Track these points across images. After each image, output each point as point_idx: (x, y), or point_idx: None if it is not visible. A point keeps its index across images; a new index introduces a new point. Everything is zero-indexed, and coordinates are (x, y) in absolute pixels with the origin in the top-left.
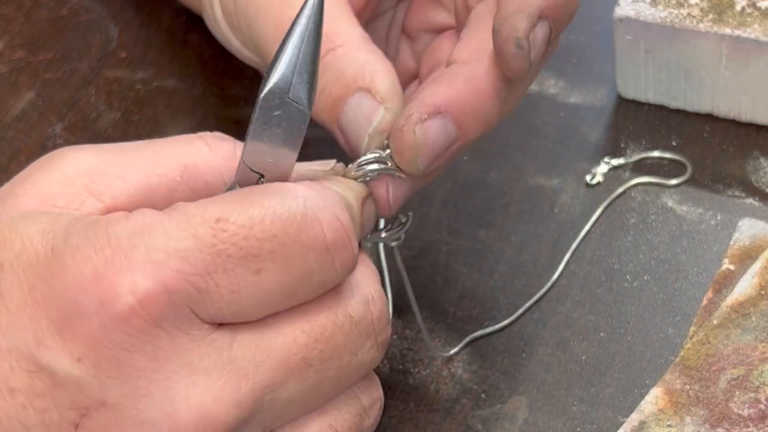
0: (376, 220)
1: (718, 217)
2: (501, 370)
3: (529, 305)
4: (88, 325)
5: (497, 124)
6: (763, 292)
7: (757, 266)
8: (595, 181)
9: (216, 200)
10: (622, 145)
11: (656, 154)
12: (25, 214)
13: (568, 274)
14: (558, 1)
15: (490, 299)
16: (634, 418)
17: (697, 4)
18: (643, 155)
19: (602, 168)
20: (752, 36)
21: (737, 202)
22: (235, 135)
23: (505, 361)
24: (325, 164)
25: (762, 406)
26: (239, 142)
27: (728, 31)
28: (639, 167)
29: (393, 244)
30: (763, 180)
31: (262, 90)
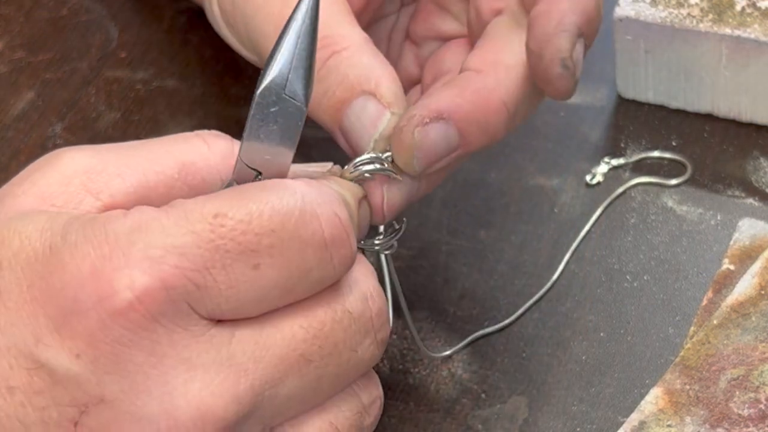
0: (369, 222)
1: (718, 217)
2: (501, 370)
3: (529, 305)
4: (86, 321)
5: (503, 137)
6: (763, 292)
7: (757, 266)
8: (595, 181)
9: (214, 197)
10: (622, 145)
11: (656, 154)
12: (23, 213)
13: (568, 274)
14: (591, 16)
15: (490, 299)
16: (634, 418)
17: (697, 4)
18: (643, 155)
19: (602, 168)
20: (752, 36)
21: (737, 202)
22: (235, 135)
23: (505, 361)
24: (322, 166)
25: (762, 406)
26: (236, 140)
27: (728, 31)
28: (639, 167)
29: (386, 252)
30: (763, 180)
31: (259, 86)
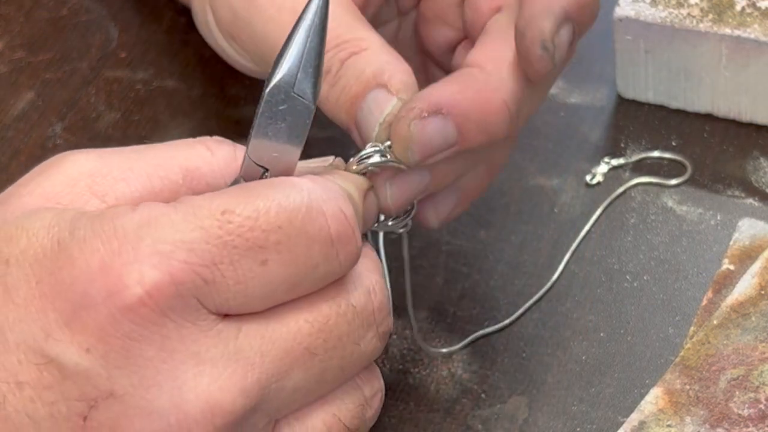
0: (377, 213)
1: (718, 217)
2: (501, 370)
3: (529, 305)
4: (96, 316)
5: (505, 136)
6: (763, 292)
7: (757, 266)
8: (595, 181)
9: (221, 193)
10: (622, 145)
11: (656, 154)
12: (29, 212)
13: (568, 274)
14: (581, 1)
15: (490, 299)
16: (634, 418)
17: (697, 4)
18: (643, 155)
19: (602, 168)
20: (752, 36)
21: (737, 202)
22: (235, 135)
23: (505, 361)
24: (324, 161)
25: (762, 406)
26: (239, 144)
27: (728, 31)
28: (639, 167)
29: (400, 230)
30: (763, 180)
31: (268, 84)
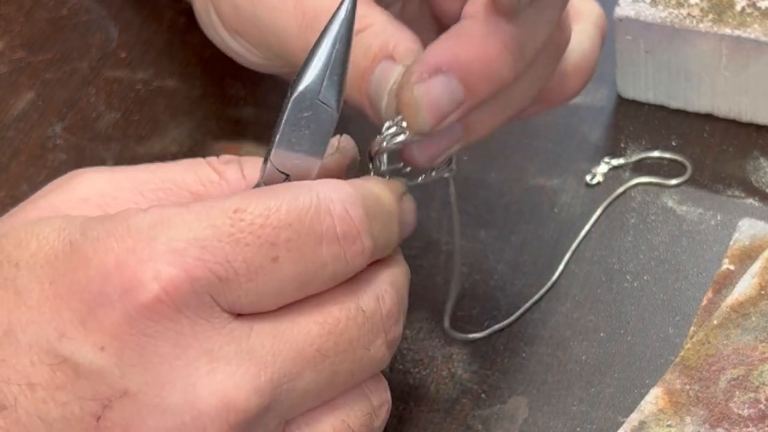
0: (415, 215)
1: (718, 217)
2: (501, 370)
3: (529, 305)
4: (112, 313)
5: (514, 77)
6: (763, 292)
7: (757, 266)
8: (595, 181)
9: (232, 195)
10: (622, 145)
11: (656, 154)
12: (38, 218)
13: (568, 274)
14: None
15: (490, 299)
16: (634, 418)
17: (697, 4)
18: (643, 155)
19: (602, 168)
20: (752, 36)
21: (737, 202)
22: (235, 135)
23: (505, 361)
24: (330, 146)
25: (762, 406)
26: (247, 160)
27: (728, 31)
28: (639, 167)
29: (446, 175)
30: (763, 180)
31: (293, 91)
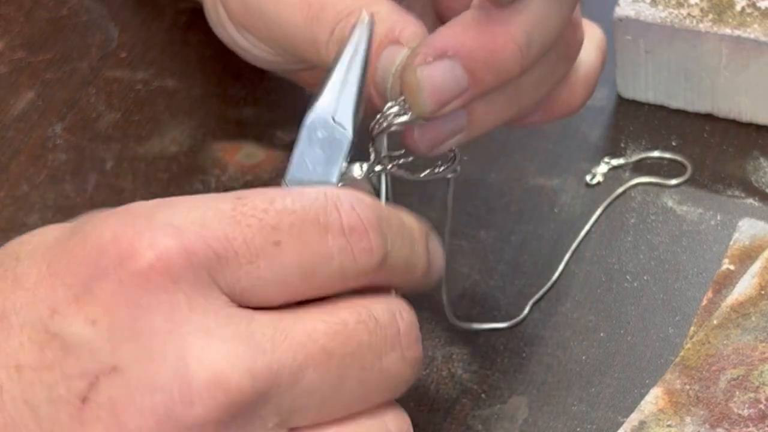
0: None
1: (718, 217)
2: (501, 370)
3: (529, 305)
4: (106, 285)
5: (520, 73)
6: (763, 292)
7: (757, 266)
8: (595, 181)
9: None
10: (622, 145)
11: (656, 154)
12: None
13: (568, 274)
14: None
15: (490, 299)
16: (634, 418)
17: (697, 4)
18: (643, 155)
19: (602, 168)
20: (752, 36)
21: (737, 202)
22: (235, 135)
23: (505, 361)
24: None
25: (762, 406)
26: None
27: (728, 31)
28: (639, 167)
29: (450, 176)
30: (763, 180)
31: (309, 111)
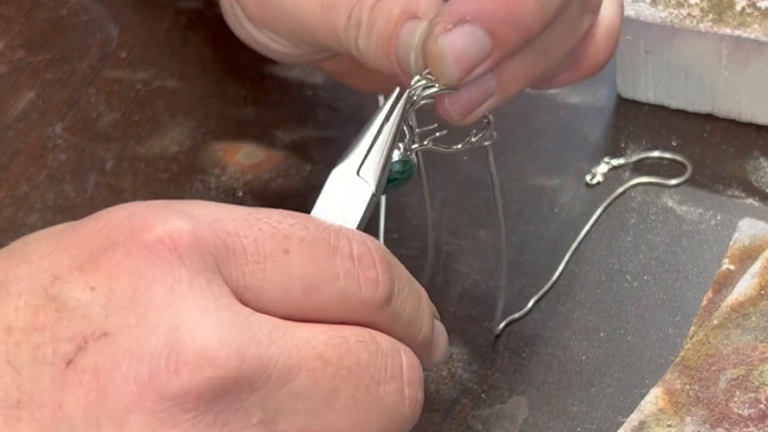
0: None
1: (718, 217)
2: (501, 370)
3: (529, 305)
4: (112, 255)
5: (542, 25)
6: (763, 292)
7: (757, 266)
8: (595, 181)
9: None
10: (622, 145)
11: (656, 154)
12: None
13: (568, 274)
14: None
15: (490, 299)
16: (634, 418)
17: (697, 4)
18: (643, 155)
19: (602, 168)
20: (752, 36)
21: (737, 202)
22: (235, 135)
23: (505, 361)
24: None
25: (762, 406)
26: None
27: (728, 31)
28: (639, 167)
29: (486, 143)
30: (763, 180)
31: (337, 163)
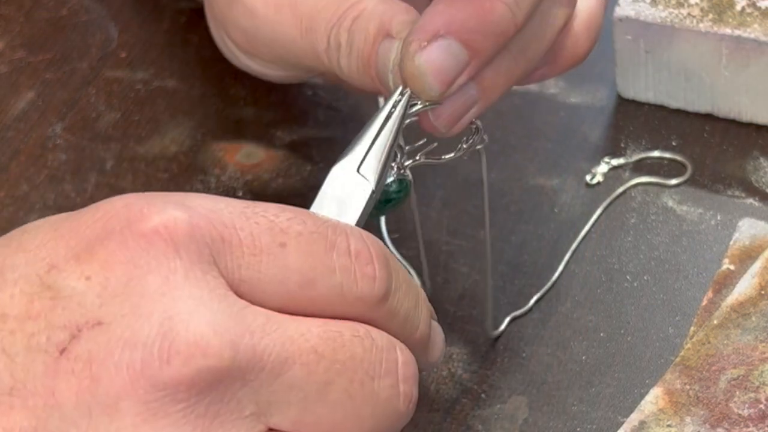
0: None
1: (718, 217)
2: (501, 370)
3: (529, 305)
4: (108, 244)
5: (516, 28)
6: (763, 292)
7: (757, 266)
8: (595, 181)
9: None
10: (622, 145)
11: (656, 154)
12: None
13: (568, 274)
14: None
15: (491, 299)
16: (634, 418)
17: (697, 4)
18: (643, 155)
19: (602, 168)
20: (752, 36)
21: (737, 202)
22: (235, 135)
23: (505, 361)
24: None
25: (762, 406)
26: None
27: (728, 31)
28: (639, 167)
29: (478, 147)
30: (763, 180)
31: (337, 161)
